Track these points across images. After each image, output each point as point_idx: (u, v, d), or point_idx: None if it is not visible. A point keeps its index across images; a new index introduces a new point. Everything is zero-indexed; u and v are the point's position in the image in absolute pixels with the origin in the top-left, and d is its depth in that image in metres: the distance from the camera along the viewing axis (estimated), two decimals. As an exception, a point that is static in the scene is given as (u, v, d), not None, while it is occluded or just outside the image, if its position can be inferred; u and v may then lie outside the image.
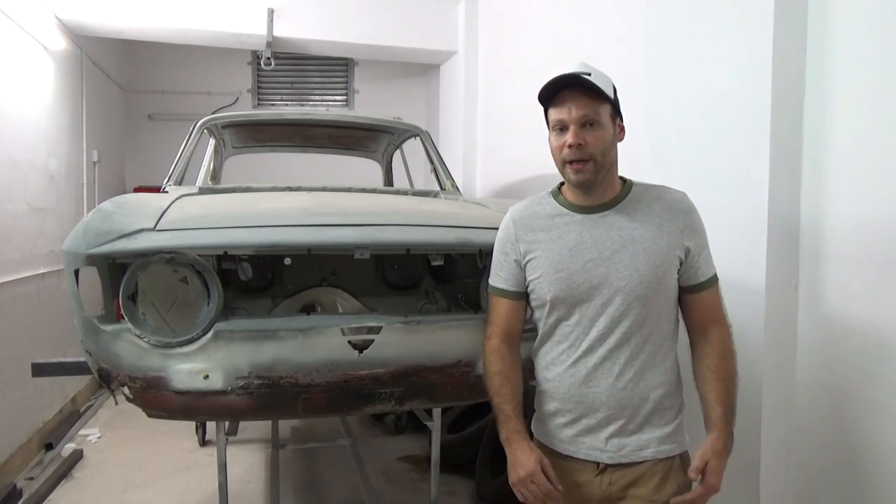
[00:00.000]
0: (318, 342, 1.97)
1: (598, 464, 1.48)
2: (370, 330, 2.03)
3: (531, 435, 1.58)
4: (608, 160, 1.45)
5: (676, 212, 1.47)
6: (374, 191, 3.05)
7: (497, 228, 2.20)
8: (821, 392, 1.85)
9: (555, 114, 1.45)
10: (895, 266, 1.65)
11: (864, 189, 1.73)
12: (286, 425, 4.15)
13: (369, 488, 2.93)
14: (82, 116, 4.81)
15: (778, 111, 1.85)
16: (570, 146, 1.41)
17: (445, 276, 2.72)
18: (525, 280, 1.55)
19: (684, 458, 1.51)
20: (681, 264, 1.47)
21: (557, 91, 1.44)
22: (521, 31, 4.28)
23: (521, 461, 1.45)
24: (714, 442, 1.42)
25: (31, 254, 3.81)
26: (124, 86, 6.23)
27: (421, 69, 6.69)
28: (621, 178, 1.53)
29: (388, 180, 4.55)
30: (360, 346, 2.01)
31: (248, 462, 3.71)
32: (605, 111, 1.43)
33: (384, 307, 2.52)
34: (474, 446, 3.39)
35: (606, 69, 1.44)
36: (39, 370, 2.41)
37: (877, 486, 1.70)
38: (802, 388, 1.90)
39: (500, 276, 1.60)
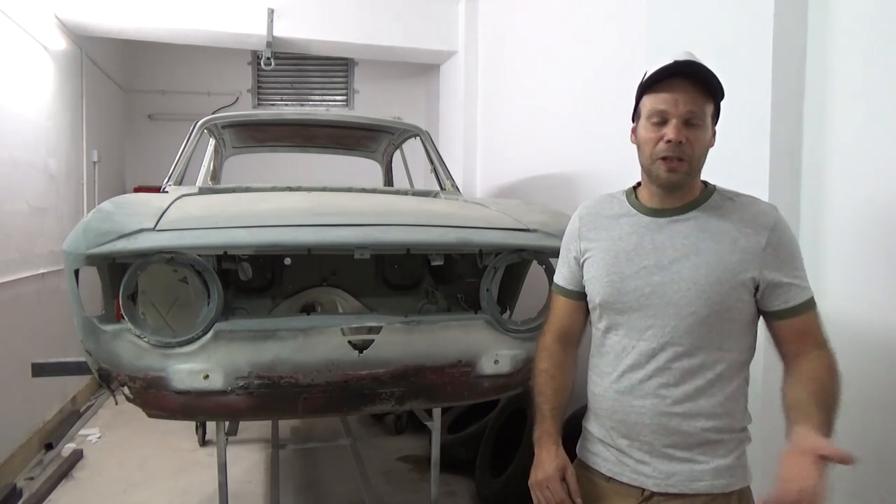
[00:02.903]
0: (318, 342, 1.97)
1: (643, 490, 1.34)
2: (370, 330, 2.03)
3: (574, 455, 1.48)
4: (701, 165, 1.31)
5: (758, 226, 1.28)
6: (374, 191, 3.05)
7: (497, 228, 2.22)
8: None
9: (655, 102, 1.27)
10: (894, 266, 1.65)
11: (864, 189, 1.73)
12: (286, 425, 4.15)
13: (369, 488, 2.93)
14: (82, 116, 4.81)
15: (778, 111, 1.85)
16: (668, 141, 1.24)
17: (445, 276, 2.72)
18: (582, 280, 1.44)
19: (744, 495, 1.34)
20: (757, 288, 1.28)
21: (664, 77, 1.27)
22: (521, 31, 4.28)
23: (544, 464, 1.39)
24: (806, 435, 1.14)
25: (31, 254, 3.81)
26: (124, 86, 6.23)
27: (421, 69, 6.69)
28: (703, 182, 1.38)
29: (388, 180, 4.55)
30: (360, 346, 2.01)
31: (248, 462, 3.71)
32: (710, 112, 1.29)
33: (384, 307, 2.52)
34: (474, 446, 3.39)
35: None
36: (39, 370, 2.41)
37: (877, 486, 1.69)
38: (802, 388, 1.89)
39: (561, 272, 1.51)
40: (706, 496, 1.30)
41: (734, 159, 1.96)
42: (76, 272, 1.84)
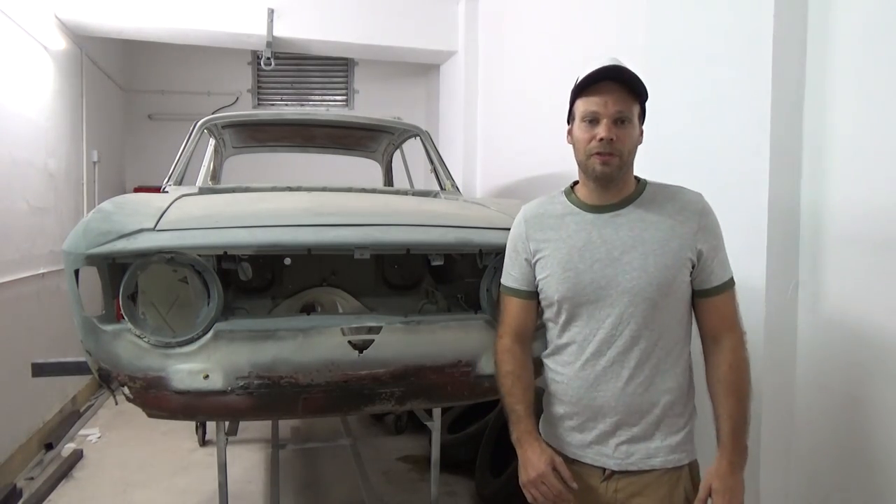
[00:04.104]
0: (318, 342, 1.97)
1: (604, 469, 1.46)
2: (370, 330, 2.03)
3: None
4: (631, 160, 1.44)
5: (690, 213, 1.43)
6: (374, 191, 3.05)
7: (497, 228, 2.22)
8: (821, 392, 1.85)
9: (587, 104, 1.40)
10: (894, 267, 1.65)
11: (865, 189, 1.72)
12: (286, 425, 4.15)
13: (369, 488, 2.93)
14: (82, 116, 4.81)
15: (778, 111, 1.85)
16: (601, 139, 1.37)
17: (445, 276, 2.71)
18: (535, 279, 1.52)
19: (693, 468, 1.49)
20: (693, 267, 1.42)
21: (593, 82, 1.39)
22: (521, 31, 4.28)
23: (532, 462, 1.43)
24: (718, 464, 1.41)
25: (31, 254, 3.81)
26: (124, 86, 6.23)
27: (421, 69, 6.69)
28: (636, 177, 1.51)
29: (388, 180, 4.55)
30: (360, 346, 2.01)
31: (248, 462, 3.71)
32: (636, 111, 1.42)
33: (384, 307, 2.52)
34: (474, 446, 3.39)
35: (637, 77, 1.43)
36: (39, 370, 2.41)
37: (877, 486, 1.70)
38: (802, 388, 1.90)
39: (511, 274, 1.57)
40: (660, 471, 1.44)
41: (734, 159, 1.96)
42: (76, 272, 1.84)
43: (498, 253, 2.18)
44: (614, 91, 1.38)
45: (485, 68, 5.04)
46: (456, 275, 2.66)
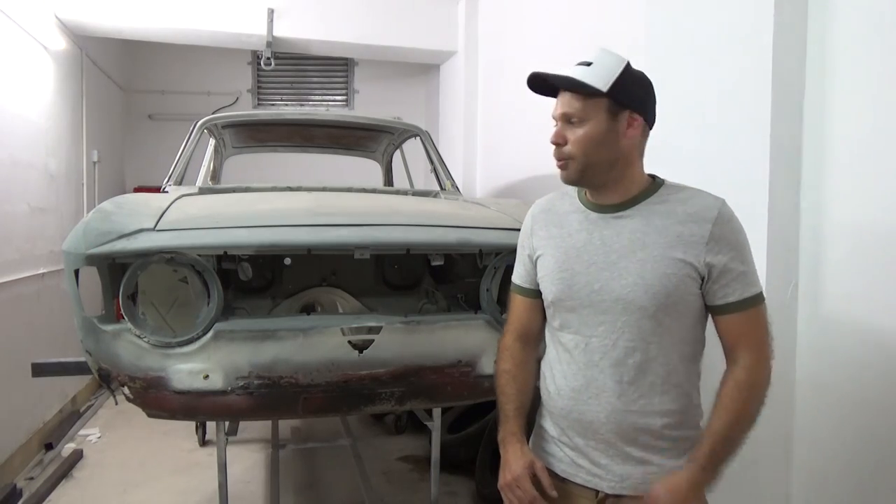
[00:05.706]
0: (319, 342, 1.97)
1: (597, 492, 1.35)
2: (370, 330, 2.03)
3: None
4: (599, 159, 1.30)
5: (702, 220, 1.27)
6: (374, 191, 3.05)
7: (497, 228, 2.22)
8: (820, 392, 1.85)
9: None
10: (894, 267, 1.65)
11: (865, 189, 1.72)
12: (286, 425, 4.15)
13: (369, 488, 2.94)
14: (82, 116, 4.81)
15: (778, 111, 1.85)
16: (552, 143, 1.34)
17: (445, 276, 2.72)
18: (536, 277, 1.45)
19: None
20: (703, 280, 1.28)
21: (548, 93, 1.38)
22: (521, 31, 4.28)
23: (510, 465, 1.36)
24: (676, 477, 1.25)
25: (31, 254, 3.81)
26: (124, 86, 6.23)
27: (421, 69, 6.69)
28: (651, 175, 1.38)
29: (388, 180, 4.55)
30: (360, 346, 2.02)
31: (248, 462, 3.71)
32: (597, 106, 1.28)
33: (384, 307, 2.52)
34: (474, 446, 3.39)
35: (606, 69, 1.40)
36: (39, 370, 2.41)
37: (877, 486, 1.70)
38: (802, 388, 1.90)
39: (517, 271, 1.52)
40: None
41: (734, 159, 1.96)
42: (76, 272, 1.84)
43: (498, 253, 2.19)
44: (563, 94, 1.33)
45: (485, 68, 5.04)
46: (456, 275, 2.66)
